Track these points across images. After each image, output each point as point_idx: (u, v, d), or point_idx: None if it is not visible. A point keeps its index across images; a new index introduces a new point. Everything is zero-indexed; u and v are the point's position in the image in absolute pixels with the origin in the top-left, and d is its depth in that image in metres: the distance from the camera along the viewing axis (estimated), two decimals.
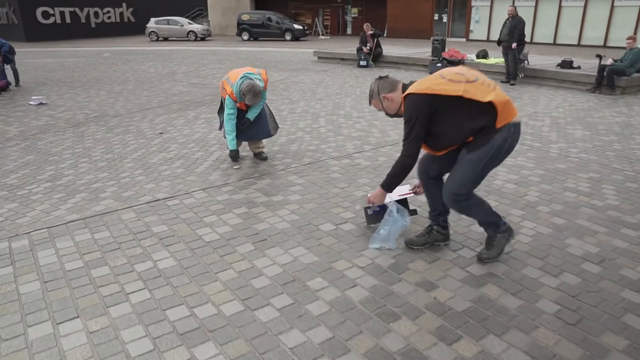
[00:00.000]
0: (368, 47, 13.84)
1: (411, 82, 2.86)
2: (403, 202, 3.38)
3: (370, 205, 3.17)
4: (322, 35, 30.05)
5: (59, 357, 2.23)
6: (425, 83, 2.71)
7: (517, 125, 2.74)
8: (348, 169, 4.88)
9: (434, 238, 3.18)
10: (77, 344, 2.32)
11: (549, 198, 4.08)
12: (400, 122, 3.11)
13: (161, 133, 6.65)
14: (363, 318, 2.48)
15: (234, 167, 5.00)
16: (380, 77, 2.96)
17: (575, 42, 20.63)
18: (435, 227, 3.17)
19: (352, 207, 3.89)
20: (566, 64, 10.98)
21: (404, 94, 2.76)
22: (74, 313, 2.56)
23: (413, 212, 3.46)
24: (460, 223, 3.57)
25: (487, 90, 2.62)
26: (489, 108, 2.60)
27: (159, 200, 4.15)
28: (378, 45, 14.02)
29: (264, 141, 5.40)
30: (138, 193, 4.33)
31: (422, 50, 15.13)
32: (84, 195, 4.28)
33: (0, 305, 2.63)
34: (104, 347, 2.30)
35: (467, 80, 2.65)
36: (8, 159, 5.51)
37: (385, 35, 25.98)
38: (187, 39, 28.80)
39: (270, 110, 5.22)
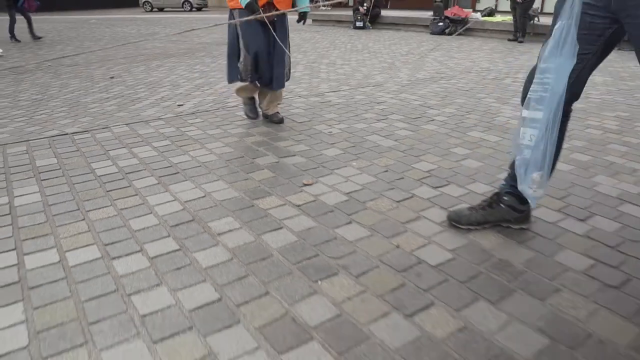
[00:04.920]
0: (365, 7, 12.72)
1: None
2: None
3: None
4: (322, 5, 28.75)
5: None
6: None
7: None
8: (314, 105, 3.92)
9: (500, 215, 1.84)
10: None
11: (567, 134, 3.11)
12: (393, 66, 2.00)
13: (112, 77, 5.72)
14: (276, 272, 1.55)
15: (178, 104, 4.06)
16: None
17: None
18: (506, 197, 1.83)
19: (308, 140, 2.94)
20: None
21: None
22: None
23: None
24: (448, 157, 2.63)
25: None
26: None
27: (66, 134, 3.22)
28: (376, 6, 12.90)
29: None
30: (45, 128, 3.41)
31: (424, 12, 14.00)
32: None
33: None
34: None
35: None
36: None
37: (388, 7, 24.71)
38: (182, 9, 27.65)
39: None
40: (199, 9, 27.61)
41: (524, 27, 9.61)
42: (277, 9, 3.04)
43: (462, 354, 1.22)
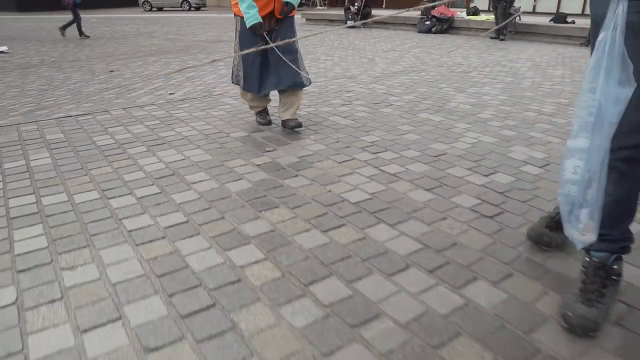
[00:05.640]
0: (356, 7, 13.21)
1: None
2: None
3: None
4: (320, 5, 29.23)
5: None
6: None
7: None
8: None
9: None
10: None
11: (505, 116, 3.61)
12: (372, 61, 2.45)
13: (111, 71, 6.22)
14: (232, 206, 2.05)
15: (169, 93, 4.56)
16: None
17: (579, 12, 19.77)
18: (615, 266, 1.45)
19: (278, 120, 3.43)
20: (560, 19, 10.37)
21: None
22: None
23: None
24: (392, 132, 3.13)
25: None
26: None
27: (70, 116, 3.72)
28: (366, 5, 13.39)
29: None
30: (52, 112, 3.90)
31: (413, 11, 14.46)
32: None
33: None
34: None
35: None
36: None
37: (384, 6, 25.14)
38: (181, 8, 28.13)
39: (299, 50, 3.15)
40: (197, 9, 28.08)
41: (505, 25, 10.09)
42: (277, 20, 2.92)
43: (355, 252, 1.72)
